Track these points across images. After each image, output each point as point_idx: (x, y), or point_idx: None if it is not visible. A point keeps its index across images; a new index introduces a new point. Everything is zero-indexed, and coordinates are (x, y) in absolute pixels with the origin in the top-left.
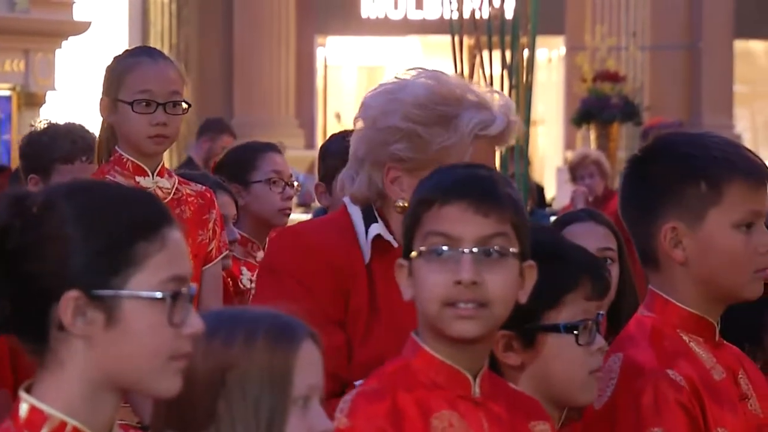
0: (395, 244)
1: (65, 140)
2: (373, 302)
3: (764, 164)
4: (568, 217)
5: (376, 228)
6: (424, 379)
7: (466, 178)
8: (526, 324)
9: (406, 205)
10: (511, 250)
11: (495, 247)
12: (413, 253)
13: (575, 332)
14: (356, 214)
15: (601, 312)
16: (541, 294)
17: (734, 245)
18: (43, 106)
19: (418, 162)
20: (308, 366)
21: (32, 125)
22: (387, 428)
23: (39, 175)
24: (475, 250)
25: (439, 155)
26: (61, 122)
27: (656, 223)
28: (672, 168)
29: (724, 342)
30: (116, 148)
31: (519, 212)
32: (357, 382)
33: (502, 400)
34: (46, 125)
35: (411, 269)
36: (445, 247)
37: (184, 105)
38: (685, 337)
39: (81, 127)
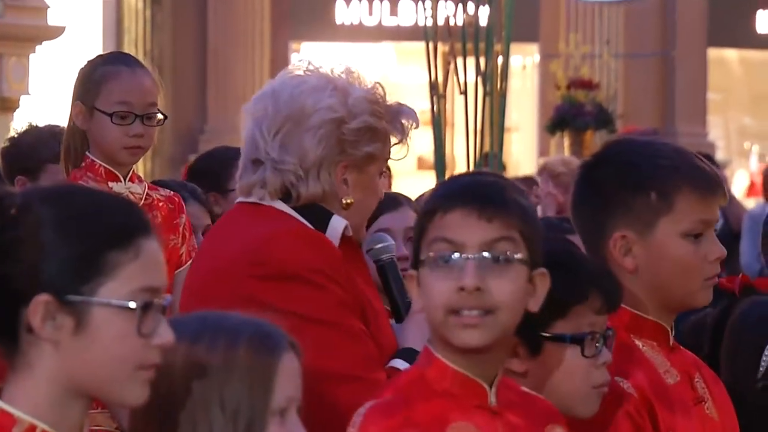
0: (351, 234)
1: (53, 140)
2: (365, 291)
3: (715, 174)
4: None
5: (341, 221)
6: (439, 388)
7: (469, 184)
8: (533, 332)
9: (351, 201)
10: (517, 255)
11: (500, 252)
12: (420, 262)
13: (581, 344)
14: (293, 212)
15: (611, 328)
16: (550, 303)
17: (684, 254)
18: (17, 110)
19: (379, 159)
20: (288, 377)
21: (15, 133)
22: None
23: (26, 176)
24: (479, 255)
25: (388, 152)
26: (41, 125)
27: (606, 231)
28: (622, 176)
29: (680, 347)
30: (87, 153)
31: (528, 219)
32: (394, 363)
33: (519, 407)
34: (26, 128)
35: (419, 280)
36: (449, 253)
37: (160, 116)
38: (638, 342)
39: (63, 128)
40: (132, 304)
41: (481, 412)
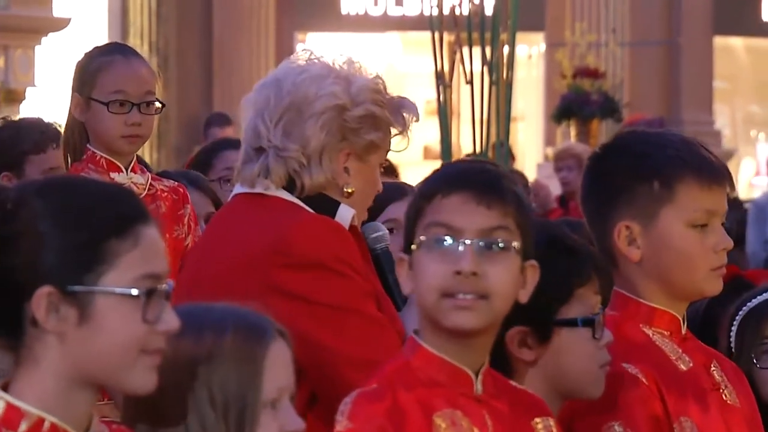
0: (356, 224)
1: (32, 131)
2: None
3: (721, 164)
4: None
5: (349, 210)
6: (424, 377)
7: (470, 170)
8: (541, 319)
9: (352, 190)
10: (513, 244)
11: (497, 239)
12: (414, 245)
13: (592, 326)
14: (300, 203)
15: (602, 307)
16: (555, 289)
17: (688, 244)
18: (23, 102)
19: (380, 149)
20: (278, 367)
21: None
22: (388, 428)
23: (11, 172)
24: (476, 241)
25: (389, 142)
26: (16, 118)
27: (611, 221)
28: (626, 166)
29: (694, 337)
30: (88, 146)
31: (522, 209)
32: None
33: (505, 397)
34: (2, 123)
35: (411, 263)
36: (446, 238)
37: (158, 104)
38: (647, 331)
39: (40, 119)
40: (135, 291)
41: (467, 400)
